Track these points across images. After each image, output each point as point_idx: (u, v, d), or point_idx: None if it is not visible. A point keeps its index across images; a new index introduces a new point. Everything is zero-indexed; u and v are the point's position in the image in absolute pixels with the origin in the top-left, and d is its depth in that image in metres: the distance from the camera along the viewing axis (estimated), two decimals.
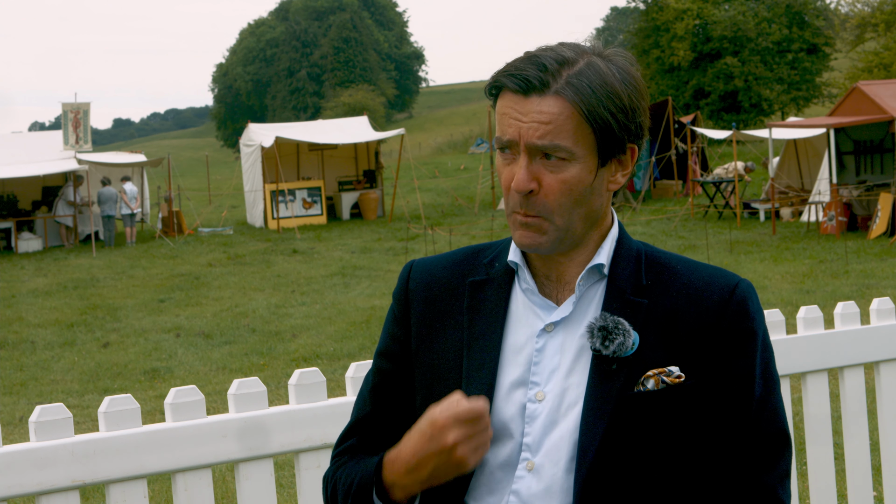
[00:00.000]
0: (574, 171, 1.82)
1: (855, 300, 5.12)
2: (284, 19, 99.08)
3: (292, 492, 6.31)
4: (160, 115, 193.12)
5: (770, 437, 1.87)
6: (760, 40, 49.34)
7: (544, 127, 1.80)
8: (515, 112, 1.82)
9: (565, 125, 1.80)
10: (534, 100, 1.81)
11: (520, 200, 1.83)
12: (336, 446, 2.06)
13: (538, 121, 1.80)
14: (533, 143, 1.80)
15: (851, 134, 21.67)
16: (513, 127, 1.82)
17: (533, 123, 1.80)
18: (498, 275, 1.95)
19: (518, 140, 1.81)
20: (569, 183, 1.82)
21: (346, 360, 11.17)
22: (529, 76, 1.80)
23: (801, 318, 3.57)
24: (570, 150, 1.81)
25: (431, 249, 20.33)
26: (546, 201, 1.82)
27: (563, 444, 1.84)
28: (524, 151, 1.81)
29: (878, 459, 4.06)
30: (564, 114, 1.80)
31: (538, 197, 1.82)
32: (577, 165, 1.82)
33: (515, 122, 1.81)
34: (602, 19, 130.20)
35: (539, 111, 1.80)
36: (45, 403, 2.83)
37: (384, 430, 2.00)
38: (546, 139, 1.80)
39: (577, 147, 1.81)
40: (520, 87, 1.81)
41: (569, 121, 1.80)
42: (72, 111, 26.92)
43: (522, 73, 1.81)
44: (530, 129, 1.80)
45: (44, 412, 2.69)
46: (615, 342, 1.82)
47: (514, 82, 1.81)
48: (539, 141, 1.80)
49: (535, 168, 1.82)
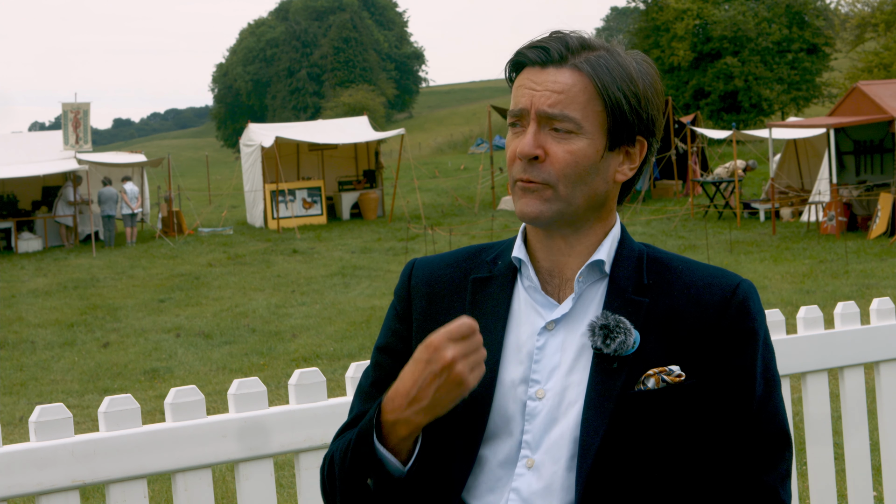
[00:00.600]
0: (581, 145, 1.84)
1: (855, 300, 5.13)
2: (284, 19, 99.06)
3: (292, 492, 6.31)
4: (160, 115, 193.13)
5: (771, 437, 1.87)
6: (760, 40, 49.34)
7: (556, 95, 1.82)
8: (530, 82, 1.85)
9: (577, 97, 1.83)
10: (550, 71, 1.84)
11: (523, 166, 1.84)
12: (333, 440, 2.05)
13: (551, 89, 1.83)
14: (543, 110, 1.82)
15: (851, 134, 21.67)
16: (525, 96, 1.85)
17: (546, 92, 1.83)
18: (500, 272, 1.96)
19: (529, 108, 1.84)
20: (574, 154, 1.83)
21: (346, 360, 11.17)
22: (550, 48, 1.85)
23: (801, 318, 3.57)
24: (579, 122, 1.83)
25: (431, 249, 20.32)
26: (551, 169, 1.83)
27: (563, 442, 1.84)
28: (534, 119, 1.83)
29: (878, 459, 4.06)
30: (578, 86, 1.83)
31: (543, 164, 1.84)
32: (584, 140, 1.84)
33: (529, 91, 1.84)
34: (602, 19, 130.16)
35: (554, 80, 1.83)
36: (45, 403, 2.82)
37: None
38: (556, 108, 1.82)
39: (586, 121, 1.83)
40: (539, 58, 1.85)
41: (581, 93, 1.83)
42: (72, 111, 26.92)
43: (544, 45, 1.85)
44: (542, 96, 1.83)
45: (44, 412, 2.69)
46: (616, 341, 1.82)
47: (534, 53, 1.85)
48: (549, 109, 1.82)
49: (543, 137, 1.84)
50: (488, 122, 33.09)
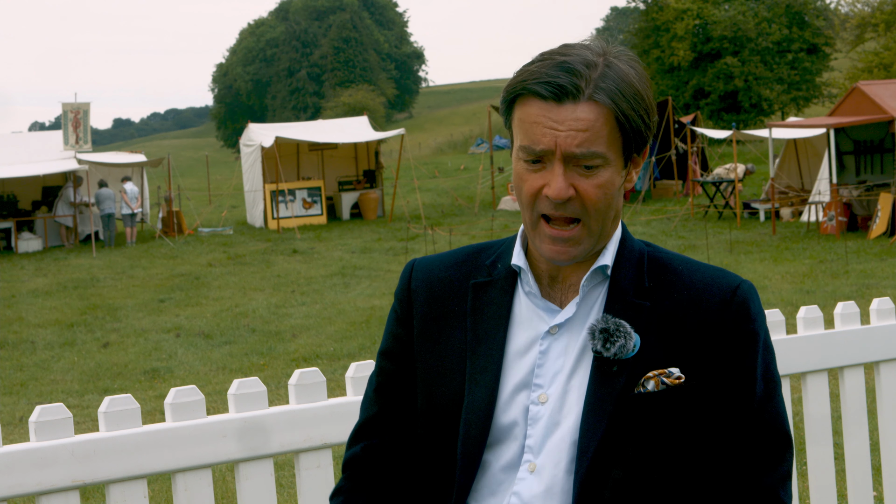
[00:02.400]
0: (607, 176, 1.81)
1: (855, 300, 5.13)
2: (284, 19, 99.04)
3: (292, 492, 6.31)
4: (160, 115, 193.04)
5: (771, 438, 1.87)
6: (760, 40, 49.34)
7: (582, 135, 1.77)
8: (549, 121, 1.77)
9: (601, 131, 1.78)
10: (568, 107, 1.77)
11: (555, 206, 1.80)
12: (347, 447, 2.07)
13: (575, 129, 1.77)
14: (571, 151, 1.77)
15: (851, 134, 21.66)
16: (548, 136, 1.78)
17: (571, 132, 1.77)
18: (501, 277, 1.95)
19: (554, 149, 1.78)
20: (603, 187, 1.81)
21: (346, 360, 11.17)
22: (563, 83, 1.77)
23: (801, 318, 3.57)
24: (605, 155, 1.80)
25: (431, 249, 20.32)
26: (585, 205, 1.80)
27: (563, 446, 1.84)
28: (559, 160, 1.78)
29: (878, 459, 4.06)
30: (601, 120, 1.78)
31: (575, 202, 1.80)
32: (609, 169, 1.81)
33: (551, 131, 1.77)
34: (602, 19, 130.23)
35: (575, 118, 1.77)
36: (45, 403, 2.82)
37: (391, 432, 2.01)
38: (584, 147, 1.77)
39: (609, 152, 1.80)
40: (554, 94, 1.77)
41: (604, 126, 1.78)
42: (72, 111, 26.92)
43: (556, 81, 1.77)
44: (568, 137, 1.77)
45: (44, 412, 2.69)
46: (616, 344, 1.82)
47: (547, 90, 1.77)
48: (577, 149, 1.77)
49: (570, 175, 1.79)
50: (488, 122, 33.08)
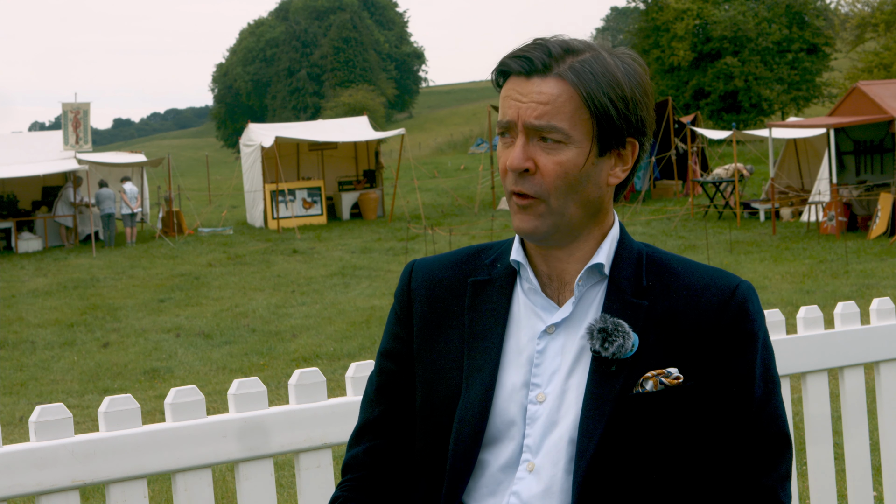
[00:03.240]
0: (569, 155, 1.82)
1: (855, 300, 5.13)
2: (284, 19, 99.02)
3: (292, 492, 6.31)
4: (160, 115, 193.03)
5: (770, 438, 1.87)
6: (760, 40, 49.33)
7: (542, 107, 1.81)
8: (516, 93, 1.83)
9: (563, 107, 1.81)
10: (535, 81, 1.82)
11: (515, 179, 1.84)
12: (348, 448, 2.06)
13: (537, 101, 1.81)
14: (530, 122, 1.81)
15: (851, 134, 21.66)
16: (512, 108, 1.83)
17: (531, 104, 1.81)
18: (500, 275, 1.95)
19: (517, 120, 1.82)
20: (564, 165, 1.82)
21: (346, 360, 11.17)
22: (533, 57, 1.82)
23: (801, 318, 3.57)
24: (567, 132, 1.81)
25: (431, 249, 20.32)
26: (542, 181, 1.83)
27: (562, 445, 1.83)
28: (522, 131, 1.82)
29: (878, 459, 4.06)
30: (563, 96, 1.81)
31: (534, 177, 1.83)
32: (572, 149, 1.82)
33: (515, 102, 1.83)
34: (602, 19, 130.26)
35: (539, 91, 1.81)
36: (45, 403, 2.82)
37: (393, 433, 2.00)
38: (543, 119, 1.81)
39: (573, 130, 1.82)
40: (523, 68, 1.83)
41: (567, 103, 1.81)
42: (72, 111, 26.92)
43: (526, 55, 1.83)
44: (528, 108, 1.81)
45: (44, 412, 2.69)
46: (614, 344, 1.82)
47: (517, 63, 1.83)
48: (536, 121, 1.81)
49: (532, 149, 1.83)
50: (488, 122, 33.09)
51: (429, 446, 1.93)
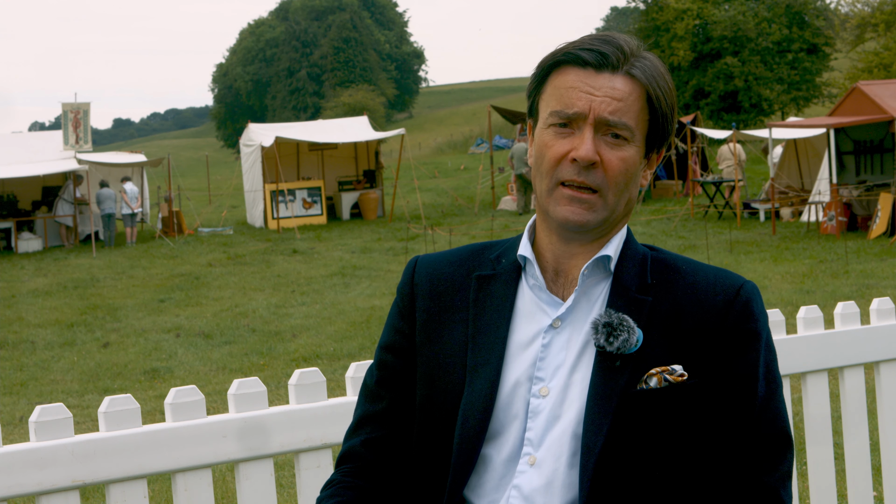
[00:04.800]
0: (631, 152, 1.86)
1: (855, 300, 5.13)
2: (284, 19, 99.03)
3: (292, 492, 6.31)
4: (160, 115, 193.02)
5: (772, 438, 1.88)
6: (760, 40, 49.33)
7: (616, 103, 1.83)
8: (587, 86, 1.84)
9: (633, 105, 1.85)
10: (605, 76, 1.84)
11: (577, 170, 1.84)
12: (345, 441, 2.06)
13: (611, 96, 1.83)
14: (604, 117, 1.83)
15: (851, 134, 21.66)
16: (584, 100, 1.83)
17: (606, 98, 1.83)
18: (505, 270, 1.96)
19: (588, 112, 1.83)
20: (626, 162, 1.85)
21: (346, 360, 11.17)
22: (606, 51, 1.84)
23: (801, 318, 3.57)
24: (633, 130, 1.85)
25: (431, 249, 20.32)
26: (605, 176, 1.84)
27: (564, 439, 1.84)
28: (591, 124, 1.83)
29: (878, 459, 4.06)
30: (634, 94, 1.85)
31: (597, 171, 1.84)
32: (633, 147, 1.86)
33: (587, 95, 1.83)
34: (602, 19, 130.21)
35: (612, 87, 1.84)
36: (45, 403, 2.82)
37: (392, 426, 2.00)
38: (616, 115, 1.83)
39: (637, 129, 1.86)
40: (596, 60, 1.84)
41: (637, 102, 1.85)
42: (72, 111, 26.91)
43: (599, 49, 1.85)
44: (603, 103, 1.83)
45: (44, 412, 2.69)
46: (619, 339, 1.82)
47: (591, 56, 1.84)
48: (610, 116, 1.83)
49: (598, 142, 1.84)
50: (488, 122, 33.08)
51: (430, 440, 1.93)
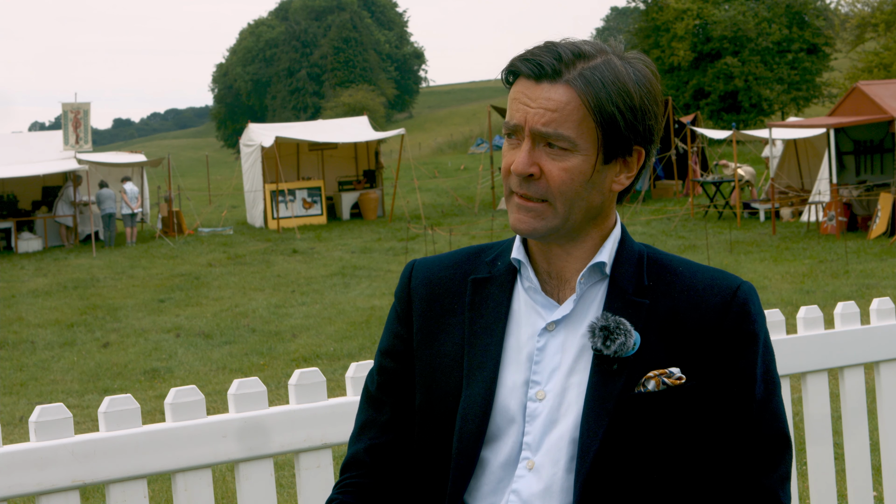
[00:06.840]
0: (575, 162, 1.82)
1: (855, 300, 5.13)
2: (284, 19, 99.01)
3: (292, 492, 6.31)
4: (160, 115, 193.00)
5: (770, 439, 1.87)
6: (760, 40, 49.35)
7: (550, 114, 1.80)
8: (524, 97, 1.82)
9: (571, 115, 1.80)
10: (544, 86, 1.81)
11: (519, 182, 1.83)
12: (349, 447, 2.06)
13: (545, 107, 1.80)
14: (537, 129, 1.81)
15: (851, 134, 21.66)
16: (520, 112, 1.82)
17: (539, 109, 1.81)
18: (500, 273, 1.95)
19: (523, 125, 1.82)
20: (569, 172, 1.82)
21: (346, 360, 11.17)
22: (543, 62, 1.81)
23: (801, 318, 3.57)
24: (573, 140, 1.81)
25: (431, 249, 20.32)
26: (548, 186, 1.82)
27: (562, 444, 1.83)
28: (528, 136, 1.82)
29: (878, 459, 4.06)
30: (572, 104, 1.80)
31: (539, 182, 1.83)
32: (578, 157, 1.82)
33: (523, 106, 1.82)
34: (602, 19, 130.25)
35: (547, 98, 1.81)
36: (45, 403, 2.82)
37: (394, 431, 2.00)
38: (550, 126, 1.80)
39: (580, 139, 1.81)
40: (532, 72, 1.82)
41: (575, 111, 1.80)
42: (72, 111, 26.91)
43: (537, 59, 1.82)
44: (536, 114, 1.81)
45: (44, 412, 2.69)
46: (616, 342, 1.81)
47: (527, 67, 1.82)
48: (543, 128, 1.80)
49: (537, 154, 1.82)
50: (488, 122, 33.09)
51: (429, 444, 1.93)
